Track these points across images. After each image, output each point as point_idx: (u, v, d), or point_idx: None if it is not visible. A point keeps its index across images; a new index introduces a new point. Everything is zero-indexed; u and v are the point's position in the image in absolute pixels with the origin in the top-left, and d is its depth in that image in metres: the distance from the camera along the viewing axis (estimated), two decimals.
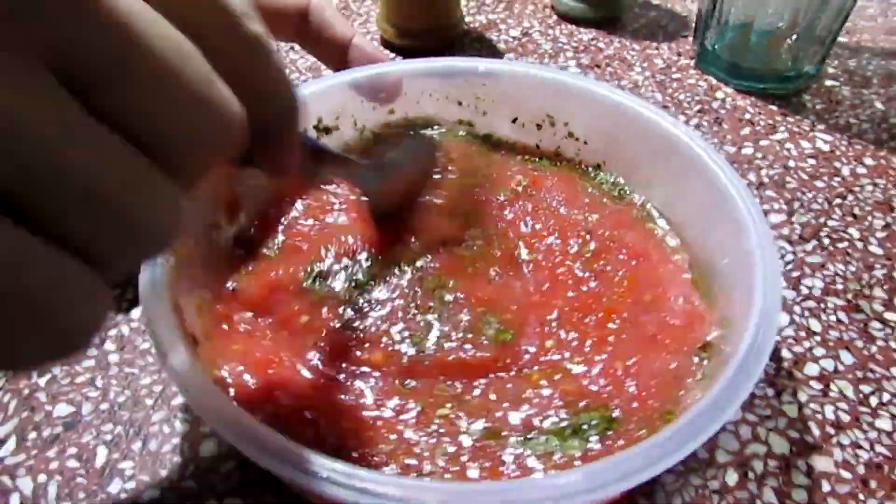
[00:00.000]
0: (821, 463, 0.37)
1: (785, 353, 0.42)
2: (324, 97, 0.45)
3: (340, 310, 0.38)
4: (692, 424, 0.27)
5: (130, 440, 0.37)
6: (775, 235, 0.49)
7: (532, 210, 0.44)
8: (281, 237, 0.41)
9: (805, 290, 0.46)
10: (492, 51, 0.68)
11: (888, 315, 0.44)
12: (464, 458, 0.32)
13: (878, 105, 0.62)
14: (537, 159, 0.49)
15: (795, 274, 0.47)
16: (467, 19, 0.72)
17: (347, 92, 0.46)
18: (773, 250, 0.34)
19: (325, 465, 0.26)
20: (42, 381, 0.40)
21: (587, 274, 0.40)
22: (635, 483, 0.26)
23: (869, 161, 0.56)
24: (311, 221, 0.42)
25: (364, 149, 0.47)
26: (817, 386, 0.40)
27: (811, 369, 0.41)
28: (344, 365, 0.35)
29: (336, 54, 0.49)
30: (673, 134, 0.41)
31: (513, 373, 0.36)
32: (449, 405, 0.34)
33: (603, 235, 0.42)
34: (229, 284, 0.38)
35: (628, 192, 0.46)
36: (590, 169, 0.48)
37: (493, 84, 0.47)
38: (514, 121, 0.49)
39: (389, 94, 0.47)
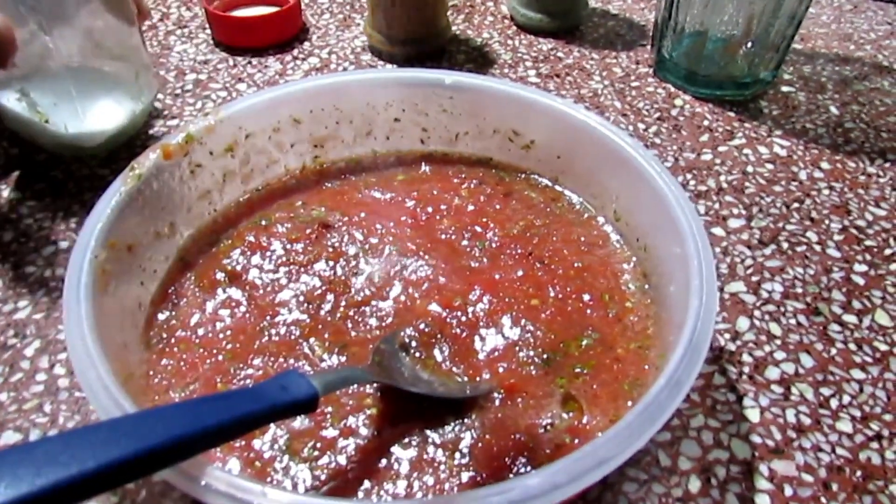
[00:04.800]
0: (782, 467, 0.37)
1: (745, 358, 0.42)
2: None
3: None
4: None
5: None
6: (735, 240, 0.49)
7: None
8: None
9: (765, 294, 0.46)
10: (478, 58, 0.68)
11: (847, 317, 0.44)
12: None
13: (833, 110, 0.63)
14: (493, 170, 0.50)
15: (755, 278, 0.47)
16: None
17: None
18: (710, 258, 0.35)
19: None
20: None
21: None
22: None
23: (825, 165, 0.57)
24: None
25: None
26: (778, 390, 0.40)
27: (772, 373, 0.41)
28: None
29: None
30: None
31: None
32: None
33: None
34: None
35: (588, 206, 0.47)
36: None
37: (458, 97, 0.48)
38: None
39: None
